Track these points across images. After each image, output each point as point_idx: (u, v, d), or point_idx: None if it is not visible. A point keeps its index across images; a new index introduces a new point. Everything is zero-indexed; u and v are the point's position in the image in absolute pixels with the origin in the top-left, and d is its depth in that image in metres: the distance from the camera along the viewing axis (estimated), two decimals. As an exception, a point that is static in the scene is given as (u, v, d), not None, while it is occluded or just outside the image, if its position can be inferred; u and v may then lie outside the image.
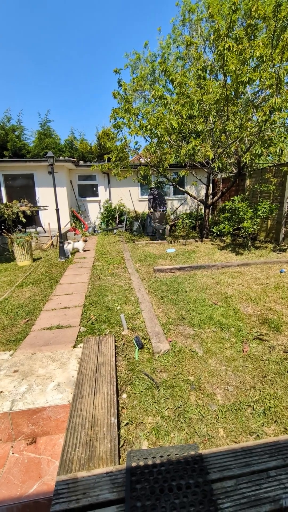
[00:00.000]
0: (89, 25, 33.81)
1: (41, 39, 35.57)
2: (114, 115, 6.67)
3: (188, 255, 6.61)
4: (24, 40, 35.97)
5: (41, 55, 36.87)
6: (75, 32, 35.61)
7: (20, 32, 34.93)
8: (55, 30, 35.62)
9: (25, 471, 1.68)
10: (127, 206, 11.50)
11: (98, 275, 5.08)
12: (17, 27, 33.66)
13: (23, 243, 5.94)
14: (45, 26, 34.49)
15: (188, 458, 1.42)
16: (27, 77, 35.88)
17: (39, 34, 34.98)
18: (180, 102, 6.47)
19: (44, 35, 35.61)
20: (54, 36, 36.39)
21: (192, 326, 3.11)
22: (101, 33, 34.51)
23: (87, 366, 2.25)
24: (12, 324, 3.24)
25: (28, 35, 34.99)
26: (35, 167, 9.53)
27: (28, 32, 34.73)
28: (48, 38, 36.33)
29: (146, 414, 1.91)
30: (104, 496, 1.25)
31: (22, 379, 2.15)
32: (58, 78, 37.11)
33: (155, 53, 13.43)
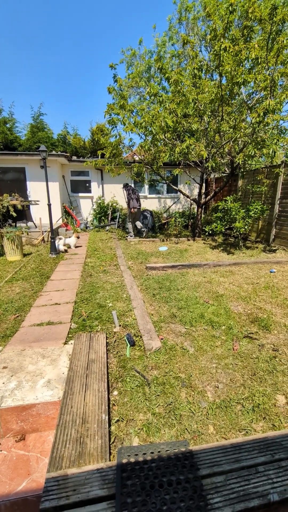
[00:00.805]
0: (85, 18, 33.30)
1: (34, 30, 34.82)
2: (109, 111, 6.61)
3: (180, 254, 6.64)
4: (17, 31, 35.11)
5: (33, 46, 36.10)
6: (70, 24, 35.03)
7: (14, 23, 34.09)
8: (49, 21, 34.94)
9: (14, 468, 1.66)
10: (120, 203, 11.44)
11: (90, 272, 5.04)
12: (7, 16, 32.83)
13: (13, 237, 5.83)
14: (39, 17, 33.77)
15: (179, 455, 1.43)
16: (18, 68, 35.08)
17: (32, 26, 34.24)
18: (176, 100, 6.47)
19: (38, 27, 34.88)
20: (48, 27, 35.70)
21: (183, 324, 3.13)
22: (96, 26, 34.06)
23: (78, 363, 2.23)
24: (1, 320, 3.18)
25: (21, 25, 34.18)
26: (26, 160, 9.36)
27: (20, 22, 33.93)
28: (41, 29, 35.61)
29: (137, 411, 1.91)
30: (94, 493, 1.25)
31: (12, 375, 2.11)
32: (51, 70, 36.45)
33: (150, 50, 13.37)
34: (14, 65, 35.56)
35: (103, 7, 30.83)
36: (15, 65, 35.75)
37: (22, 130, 13.38)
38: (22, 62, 35.98)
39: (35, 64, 36.17)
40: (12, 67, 35.21)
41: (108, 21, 32.61)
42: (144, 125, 6.58)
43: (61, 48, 37.21)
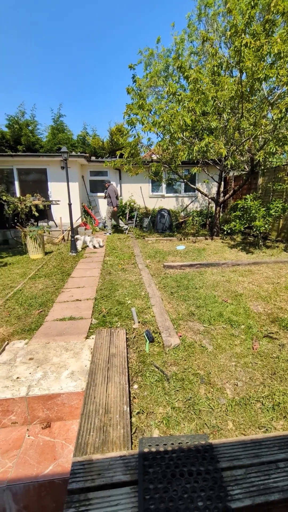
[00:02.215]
0: (103, 19, 33.66)
1: (53, 33, 35.64)
2: (128, 111, 6.68)
3: (198, 253, 6.61)
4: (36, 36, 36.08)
5: (52, 49, 36.96)
6: (89, 27, 35.52)
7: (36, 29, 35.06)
8: (68, 24, 35.61)
9: (41, 453, 1.76)
10: (137, 202, 11.52)
11: (109, 270, 5.15)
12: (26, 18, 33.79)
13: (35, 236, 6.06)
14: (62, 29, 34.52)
15: (199, 447, 1.47)
16: (40, 71, 36.06)
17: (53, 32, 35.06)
18: (194, 98, 6.43)
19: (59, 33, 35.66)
20: (67, 32, 36.41)
21: (202, 322, 3.14)
22: (116, 28, 34.32)
23: (100, 357, 2.31)
24: (26, 315, 3.34)
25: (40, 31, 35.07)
26: (48, 162, 9.65)
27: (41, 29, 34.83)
28: (57, 31, 36.37)
29: (157, 405, 1.96)
30: (118, 478, 1.31)
31: (37, 366, 2.23)
32: (70, 72, 37.15)
33: (169, 48, 13.31)
34: (35, 65, 36.59)
35: (121, 7, 31.03)
36: (35, 65, 36.78)
37: (43, 132, 13.79)
38: (42, 63, 36.96)
39: (54, 65, 37.04)
40: (33, 67, 36.24)
41: (127, 21, 32.77)
42: (163, 124, 6.60)
43: (80, 49, 37.87)
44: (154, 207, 11.69)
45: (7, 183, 9.80)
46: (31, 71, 35.69)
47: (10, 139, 12.74)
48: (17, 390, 1.96)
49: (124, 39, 34.92)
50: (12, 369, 2.20)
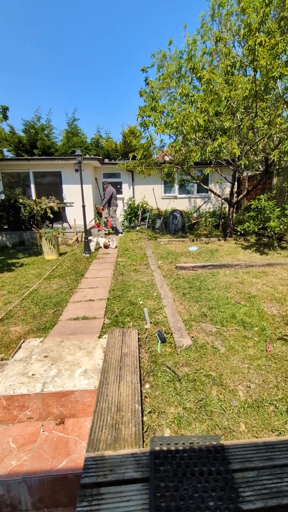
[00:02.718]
0: (117, 22, 34.05)
1: (66, 37, 36.38)
2: (141, 114, 6.74)
3: (210, 254, 6.55)
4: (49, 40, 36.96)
5: (66, 53, 37.71)
6: (103, 29, 36.03)
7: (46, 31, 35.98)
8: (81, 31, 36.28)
9: (54, 448, 1.81)
10: (150, 204, 11.56)
11: (121, 271, 5.20)
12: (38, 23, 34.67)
13: (50, 237, 6.20)
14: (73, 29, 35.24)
15: (210, 448, 1.47)
16: (54, 75, 36.89)
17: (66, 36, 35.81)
18: (207, 99, 6.40)
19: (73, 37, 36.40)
20: (81, 34, 37.08)
21: (214, 324, 3.12)
22: (127, 30, 34.65)
23: (112, 356, 2.35)
24: (41, 314, 3.43)
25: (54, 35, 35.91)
26: (62, 165, 9.86)
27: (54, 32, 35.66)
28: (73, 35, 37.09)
29: (168, 405, 1.97)
30: (129, 474, 1.33)
31: (52, 364, 2.29)
32: (84, 76, 37.78)
33: (181, 50, 13.30)
34: (50, 70, 37.47)
35: (133, 9, 31.31)
36: (50, 69, 37.66)
37: (58, 136, 14.11)
38: (57, 67, 37.80)
39: (68, 69, 37.79)
40: (48, 71, 37.13)
41: (139, 24, 33.02)
42: (175, 126, 6.60)
43: (93, 51, 38.46)
44: (167, 208, 11.69)
45: (23, 186, 10.09)
46: (45, 75, 36.59)
47: (26, 143, 13.12)
48: (32, 386, 2.02)
49: (137, 42, 35.19)
50: (28, 366, 2.27)
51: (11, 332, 3.04)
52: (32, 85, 33.63)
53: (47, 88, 34.80)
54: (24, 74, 34.88)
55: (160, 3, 28.42)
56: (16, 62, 35.55)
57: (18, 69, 35.20)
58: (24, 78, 34.02)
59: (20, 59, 36.37)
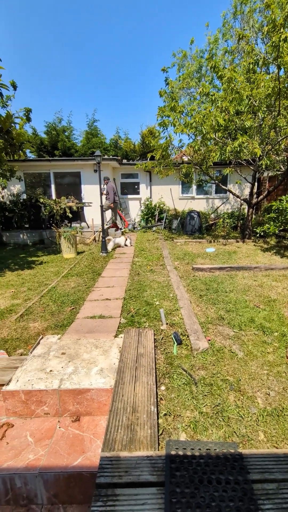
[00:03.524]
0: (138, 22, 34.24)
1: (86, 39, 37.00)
2: (160, 114, 6.72)
3: (228, 256, 6.42)
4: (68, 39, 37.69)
5: (87, 54, 38.34)
6: (124, 29, 36.35)
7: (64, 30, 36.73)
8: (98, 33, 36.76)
9: (70, 445, 1.83)
10: (167, 204, 11.51)
11: (138, 271, 5.20)
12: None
13: (69, 237, 6.32)
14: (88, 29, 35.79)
15: (228, 455, 1.42)
16: (75, 77, 37.60)
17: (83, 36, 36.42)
18: (228, 98, 6.28)
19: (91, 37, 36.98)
20: (100, 34, 37.59)
21: (232, 327, 3.05)
22: (148, 31, 34.74)
23: (128, 356, 2.34)
24: (59, 311, 3.49)
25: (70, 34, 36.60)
26: (82, 165, 10.03)
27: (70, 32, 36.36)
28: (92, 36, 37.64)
29: (184, 408, 1.94)
30: (144, 477, 1.32)
31: (69, 361, 2.32)
32: (104, 77, 38.25)
33: (202, 49, 13.15)
34: (71, 71, 38.23)
35: (154, 10, 31.34)
36: (71, 71, 38.42)
37: (78, 137, 14.39)
38: (77, 69, 38.51)
39: (89, 70, 38.38)
40: (69, 73, 37.89)
41: (160, 24, 33.00)
42: (195, 125, 6.53)
43: (113, 52, 38.87)
44: (184, 208, 11.59)
45: (44, 186, 10.36)
46: (67, 77, 37.38)
47: (48, 144, 13.47)
48: (50, 382, 2.06)
49: (157, 42, 35.20)
50: (46, 362, 2.31)
51: (30, 328, 3.12)
52: (54, 87, 34.46)
53: (68, 90, 35.55)
54: (47, 78, 35.82)
55: (182, 4, 28.27)
56: (41, 66, 36.60)
57: (42, 72, 36.21)
58: (47, 81, 34.94)
59: (44, 63, 37.40)
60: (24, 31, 36.85)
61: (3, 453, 1.76)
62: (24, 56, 35.07)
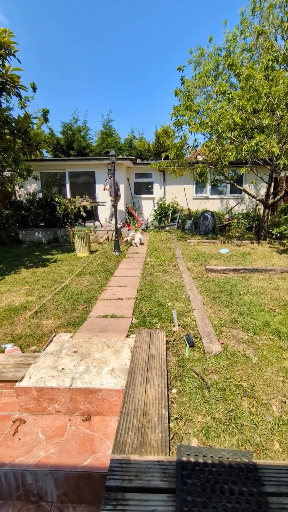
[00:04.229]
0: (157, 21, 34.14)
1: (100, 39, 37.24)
2: (175, 113, 6.67)
3: (242, 257, 6.28)
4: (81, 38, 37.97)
5: (102, 53, 38.60)
6: (141, 28, 36.34)
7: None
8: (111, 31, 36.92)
9: (81, 444, 1.82)
10: (180, 204, 11.42)
11: (150, 271, 5.17)
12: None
13: (82, 235, 6.38)
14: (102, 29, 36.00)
15: (241, 465, 1.37)
16: (91, 77, 37.94)
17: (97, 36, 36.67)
18: (245, 96, 6.14)
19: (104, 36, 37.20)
20: (113, 34, 37.73)
21: (246, 331, 2.97)
22: (166, 29, 34.57)
23: (139, 357, 2.32)
24: (72, 309, 3.52)
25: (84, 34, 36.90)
26: (97, 165, 10.10)
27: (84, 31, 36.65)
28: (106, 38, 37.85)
29: (196, 413, 1.90)
30: (155, 483, 1.29)
31: (81, 360, 2.33)
32: (119, 77, 38.39)
33: (220, 47, 12.96)
34: (87, 71, 38.62)
35: (170, 7, 31.15)
36: (88, 71, 38.80)
37: (93, 137, 14.51)
38: (94, 69, 38.84)
39: (105, 70, 38.62)
40: (86, 73, 38.29)
41: (174, 23, 32.78)
42: (210, 125, 6.43)
43: (128, 50, 38.90)
44: (198, 208, 11.45)
45: (59, 185, 10.51)
46: (83, 77, 37.82)
47: (64, 144, 13.66)
48: (62, 380, 2.07)
49: (173, 42, 34.98)
50: (58, 360, 2.33)
51: (43, 325, 3.16)
52: (71, 88, 34.99)
53: (85, 89, 35.97)
54: (64, 79, 36.41)
55: (198, 2, 27.96)
56: (57, 67, 37.22)
57: (60, 73, 36.83)
58: (64, 82, 35.52)
59: (61, 64, 38.01)
60: (41, 33, 37.59)
61: (15, 448, 1.79)
62: (43, 58, 35.74)
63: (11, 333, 3.05)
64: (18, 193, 10.71)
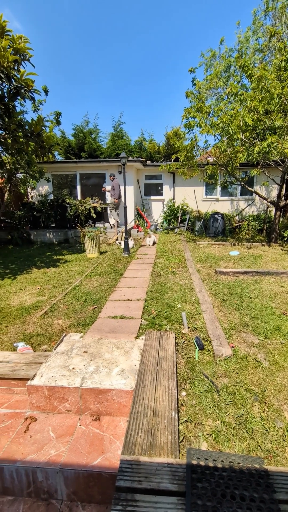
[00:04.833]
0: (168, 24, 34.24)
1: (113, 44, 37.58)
2: (186, 115, 6.66)
3: (253, 259, 6.21)
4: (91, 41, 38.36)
5: (113, 55, 38.94)
6: (152, 31, 36.51)
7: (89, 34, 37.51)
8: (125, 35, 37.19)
9: (90, 443, 1.84)
10: (190, 206, 11.38)
11: (159, 272, 5.17)
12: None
13: (93, 237, 6.44)
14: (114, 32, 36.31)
15: (252, 471, 1.36)
16: (102, 79, 38.30)
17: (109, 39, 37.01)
18: (257, 97, 6.08)
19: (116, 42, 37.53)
20: (124, 36, 38.01)
21: (256, 335, 2.93)
22: (176, 32, 34.62)
23: (149, 358, 2.33)
24: (82, 309, 3.55)
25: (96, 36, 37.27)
26: (107, 167, 10.19)
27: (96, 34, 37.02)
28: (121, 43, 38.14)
29: (206, 416, 1.88)
30: (164, 485, 1.29)
31: (91, 360, 2.35)
32: (130, 79, 38.59)
33: (231, 48, 12.88)
34: (97, 74, 39.00)
35: (181, 10, 31.18)
36: (97, 74, 39.19)
37: (104, 139, 14.64)
38: (104, 72, 39.21)
39: (115, 72, 38.94)
40: (96, 76, 38.68)
41: (185, 25, 32.78)
42: (221, 126, 6.39)
43: (139, 53, 39.10)
44: (207, 210, 11.38)
45: (70, 187, 10.66)
46: (94, 80, 38.22)
47: (75, 147, 13.84)
48: (72, 380, 2.09)
49: (183, 43, 34.97)
50: (69, 360, 2.36)
51: (54, 325, 3.21)
52: (83, 91, 35.45)
53: (95, 91, 36.34)
54: (76, 83, 36.94)
55: (207, 4, 27.89)
56: (72, 71, 37.82)
57: (72, 78, 37.41)
58: (76, 86, 36.03)
59: (72, 68, 38.62)
60: (54, 37, 38.27)
61: (27, 445, 1.82)
62: (55, 62, 36.36)
63: (23, 332, 3.11)
64: (30, 194, 10.91)
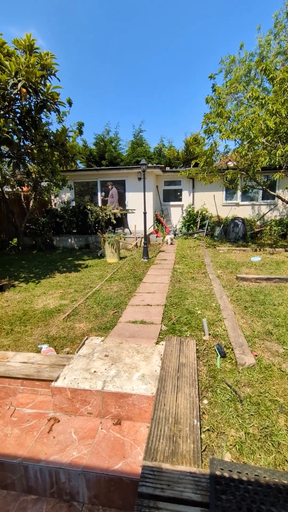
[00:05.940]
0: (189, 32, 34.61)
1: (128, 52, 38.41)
2: (205, 121, 6.67)
3: (276, 266, 6.01)
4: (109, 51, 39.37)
5: (133, 66, 39.78)
6: (172, 39, 37.02)
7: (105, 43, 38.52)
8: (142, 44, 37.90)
9: (112, 447, 1.85)
10: (209, 211, 11.26)
11: (179, 278, 5.14)
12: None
13: (113, 242, 6.54)
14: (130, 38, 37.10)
15: (280, 486, 1.30)
16: (122, 88, 39.18)
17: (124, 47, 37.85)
18: (280, 100, 5.97)
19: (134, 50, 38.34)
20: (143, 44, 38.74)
21: (281, 344, 2.82)
22: (197, 38, 34.86)
23: (170, 364, 2.31)
24: (102, 314, 3.61)
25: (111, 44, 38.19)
26: (127, 174, 10.36)
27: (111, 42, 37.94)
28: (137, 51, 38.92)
29: (228, 426, 1.83)
30: (187, 495, 1.27)
31: (112, 364, 2.37)
32: (150, 86, 39.18)
33: (252, 52, 12.77)
34: (118, 84, 39.99)
35: (200, 18, 31.39)
36: (119, 83, 40.17)
37: (124, 147, 14.95)
38: (126, 81, 40.11)
39: (136, 80, 39.67)
40: (117, 85, 39.68)
41: (205, 31, 32.93)
42: (242, 130, 6.33)
43: (159, 61, 39.69)
44: (227, 215, 11.21)
45: (91, 194, 10.93)
46: (114, 89, 39.22)
47: (96, 155, 14.25)
48: (94, 383, 2.12)
49: (205, 51, 35.11)
50: (90, 363, 2.39)
51: (76, 328, 3.27)
52: (104, 101, 36.48)
53: (116, 99, 37.25)
54: (97, 95, 38.15)
55: (229, 10, 27.89)
56: (94, 82, 39.12)
57: (94, 88, 38.67)
58: (97, 97, 37.20)
59: (92, 78, 39.94)
60: (75, 51, 39.83)
61: (50, 446, 1.86)
62: (77, 75, 37.79)
63: (46, 334, 3.20)
64: (53, 201, 11.31)
